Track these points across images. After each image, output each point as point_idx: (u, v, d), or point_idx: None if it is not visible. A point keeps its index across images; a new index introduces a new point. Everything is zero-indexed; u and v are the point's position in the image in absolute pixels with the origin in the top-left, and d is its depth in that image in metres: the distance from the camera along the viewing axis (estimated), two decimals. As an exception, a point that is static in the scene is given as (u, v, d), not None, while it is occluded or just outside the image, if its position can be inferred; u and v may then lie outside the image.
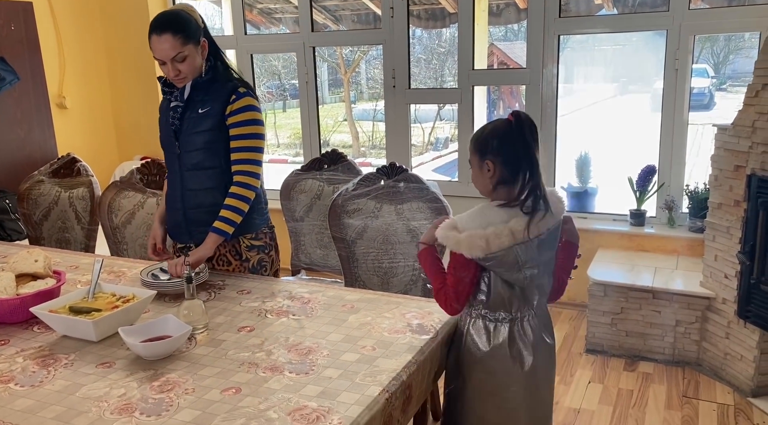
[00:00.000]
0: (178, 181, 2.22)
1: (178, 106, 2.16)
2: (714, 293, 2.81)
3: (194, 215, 2.21)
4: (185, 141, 2.17)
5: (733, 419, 2.54)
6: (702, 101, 10.79)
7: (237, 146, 2.16)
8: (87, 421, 1.36)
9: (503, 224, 1.61)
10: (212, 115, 2.13)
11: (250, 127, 2.15)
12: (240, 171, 2.16)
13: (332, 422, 1.36)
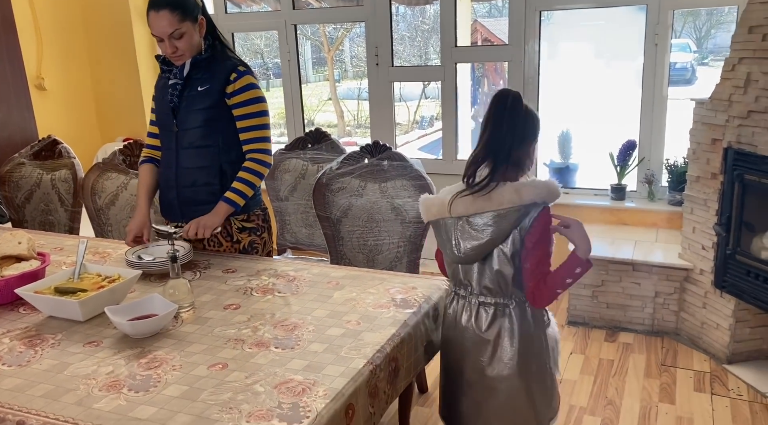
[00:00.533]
0: (174, 159, 2.22)
1: (177, 84, 2.16)
2: (692, 264, 2.88)
3: (188, 194, 2.22)
4: (184, 119, 2.18)
5: (709, 385, 2.62)
6: (684, 76, 10.83)
7: (246, 125, 2.18)
8: (75, 398, 1.38)
9: (445, 194, 1.66)
10: (212, 93, 2.14)
11: (255, 105, 2.17)
12: (253, 149, 2.19)
13: (318, 394, 1.39)
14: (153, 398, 1.38)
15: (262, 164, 2.19)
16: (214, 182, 2.20)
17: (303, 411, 1.33)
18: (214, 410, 1.33)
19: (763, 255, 2.55)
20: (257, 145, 2.19)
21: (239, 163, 2.22)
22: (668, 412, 2.45)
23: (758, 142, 2.44)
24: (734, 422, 2.37)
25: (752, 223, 2.63)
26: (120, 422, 1.29)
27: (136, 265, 2.07)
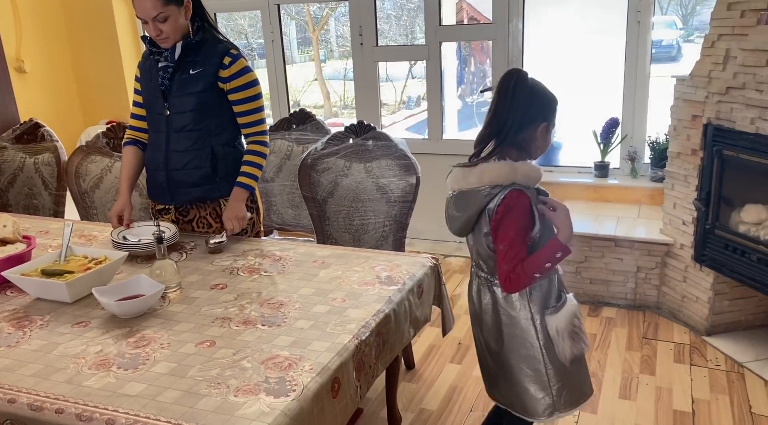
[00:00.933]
0: (164, 142, 2.22)
1: (168, 67, 2.15)
2: (672, 239, 2.93)
3: (178, 176, 2.22)
4: (175, 102, 2.17)
5: (689, 356, 2.69)
6: (670, 53, 10.86)
7: (244, 110, 2.20)
8: (65, 377, 1.40)
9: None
10: (205, 77, 2.14)
11: (252, 89, 2.19)
12: (254, 132, 2.24)
13: (304, 368, 1.43)
14: (142, 375, 1.40)
15: (264, 145, 2.25)
16: (205, 165, 2.20)
17: (289, 385, 1.36)
18: (202, 386, 1.36)
19: (741, 229, 2.60)
20: (257, 128, 2.24)
21: (230, 145, 2.24)
22: (648, 383, 2.51)
23: (736, 118, 2.48)
24: (712, 391, 2.44)
25: (731, 198, 2.68)
26: (110, 399, 1.32)
27: (123, 247, 2.08)
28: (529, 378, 1.62)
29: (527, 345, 1.60)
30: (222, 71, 2.13)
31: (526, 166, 1.54)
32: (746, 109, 2.43)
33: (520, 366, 1.62)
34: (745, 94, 2.43)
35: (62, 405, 1.30)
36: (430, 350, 2.82)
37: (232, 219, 2.19)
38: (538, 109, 1.55)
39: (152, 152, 2.28)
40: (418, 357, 2.75)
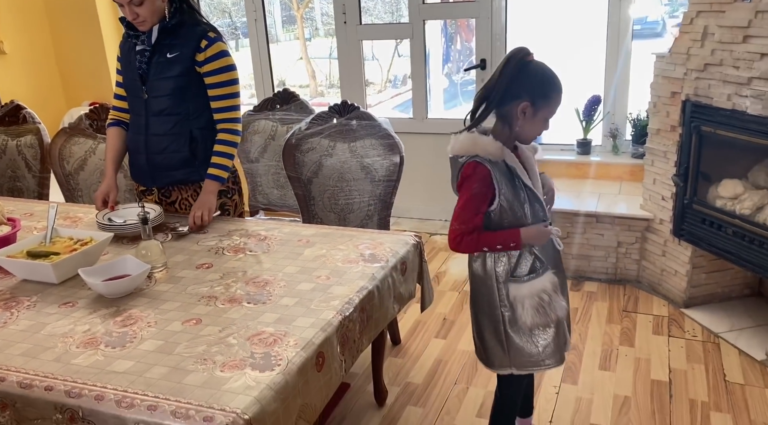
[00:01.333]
0: (143, 125, 2.22)
1: (145, 50, 2.14)
2: (652, 214, 2.99)
3: (158, 160, 2.22)
4: (153, 86, 2.16)
5: (667, 328, 2.76)
6: (655, 29, 10.88)
7: (218, 94, 2.19)
8: (54, 355, 1.43)
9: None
10: (181, 61, 2.13)
11: (227, 73, 2.18)
12: (225, 118, 2.22)
13: (289, 343, 1.46)
14: (129, 353, 1.44)
15: (234, 133, 2.23)
16: (183, 149, 2.21)
17: (275, 359, 1.40)
18: (189, 362, 1.39)
19: (718, 204, 2.66)
20: (229, 114, 2.22)
21: (209, 128, 2.23)
22: (627, 354, 2.58)
23: (714, 94, 2.52)
24: (688, 361, 2.52)
25: (708, 173, 2.73)
26: (98, 376, 1.35)
27: (108, 228, 2.09)
28: (490, 333, 1.75)
29: (491, 304, 1.72)
30: (198, 55, 2.13)
31: (484, 140, 1.60)
32: (723, 86, 2.47)
33: (484, 321, 1.75)
34: (722, 70, 2.47)
35: (51, 382, 1.33)
36: (416, 326, 2.87)
37: (203, 209, 2.15)
38: (523, 85, 1.58)
39: (133, 135, 2.28)
40: (404, 333, 2.80)
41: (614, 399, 2.31)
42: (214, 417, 1.21)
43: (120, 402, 1.26)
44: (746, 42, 2.35)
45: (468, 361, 2.58)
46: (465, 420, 2.23)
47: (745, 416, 2.19)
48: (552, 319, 1.69)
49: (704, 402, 2.27)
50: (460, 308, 3.00)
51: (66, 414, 1.29)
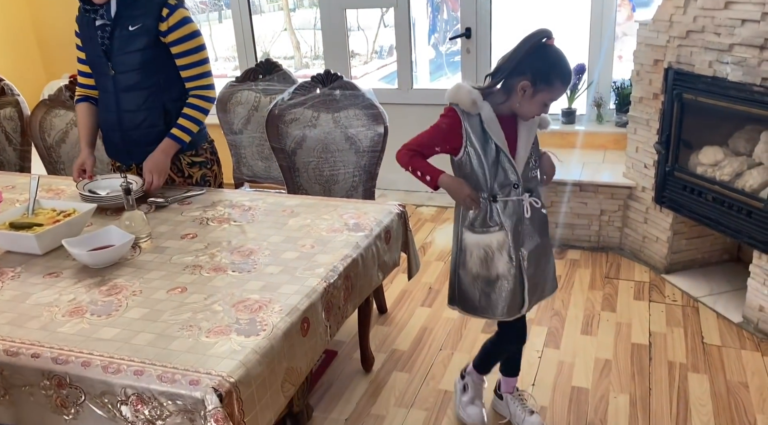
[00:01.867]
0: (113, 102, 2.18)
1: (105, 25, 2.09)
2: (635, 182, 3.02)
3: (134, 136, 2.19)
4: (119, 61, 2.11)
5: (648, 293, 2.82)
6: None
7: (186, 63, 2.15)
8: (39, 324, 1.44)
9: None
10: (144, 33, 2.08)
11: (193, 40, 2.14)
12: (196, 86, 2.18)
13: (274, 310, 1.48)
14: (115, 321, 1.45)
15: (206, 100, 2.20)
16: (158, 123, 2.18)
17: (260, 325, 1.42)
18: (174, 328, 1.41)
19: (699, 171, 2.69)
20: (200, 81, 2.18)
21: (182, 100, 2.20)
22: (609, 319, 2.64)
23: (695, 61, 2.53)
24: (668, 324, 2.58)
25: (689, 141, 2.76)
26: (84, 343, 1.36)
27: (91, 200, 2.09)
28: (452, 270, 1.91)
29: (455, 248, 1.87)
30: (161, 24, 2.07)
31: (464, 91, 1.69)
32: (705, 53, 2.48)
33: (452, 258, 1.91)
34: (704, 37, 2.47)
35: (38, 350, 1.34)
36: (402, 295, 2.90)
37: (152, 172, 2.11)
38: (531, 65, 1.63)
39: (104, 114, 2.24)
40: (390, 302, 2.84)
41: (595, 362, 2.37)
42: (200, 380, 1.23)
43: (107, 368, 1.28)
44: (728, 8, 2.35)
45: (453, 328, 2.62)
46: (450, 385, 2.27)
47: (722, 376, 2.26)
48: (493, 275, 1.80)
49: (682, 363, 2.34)
50: (445, 277, 3.03)
51: (53, 380, 1.31)
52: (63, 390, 1.31)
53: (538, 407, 2.12)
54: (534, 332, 2.57)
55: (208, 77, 2.20)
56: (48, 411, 1.34)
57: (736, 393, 2.18)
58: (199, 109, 2.18)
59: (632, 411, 2.11)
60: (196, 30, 2.14)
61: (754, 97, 2.31)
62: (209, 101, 2.21)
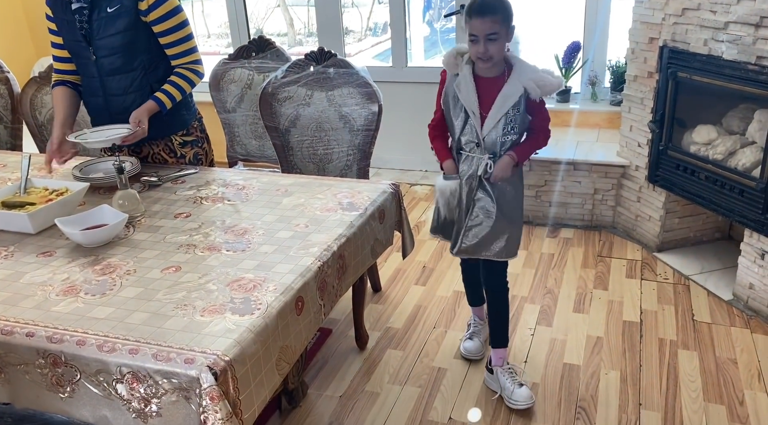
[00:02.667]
0: (99, 87, 2.14)
1: (82, 8, 2.04)
2: (628, 161, 3.03)
3: (123, 120, 2.14)
4: (100, 45, 2.07)
5: (640, 272, 2.84)
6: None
7: (170, 41, 2.11)
8: (34, 303, 1.44)
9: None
10: (124, 14, 2.03)
11: (175, 17, 2.09)
12: (183, 63, 2.15)
13: (268, 289, 1.49)
14: (110, 300, 1.45)
15: (196, 73, 2.18)
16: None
17: (254, 304, 1.42)
18: (169, 307, 1.41)
19: (692, 150, 2.70)
20: (188, 58, 2.15)
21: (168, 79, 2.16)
22: (601, 297, 2.66)
23: (690, 39, 2.52)
24: (659, 302, 2.61)
25: (683, 119, 2.76)
26: (79, 322, 1.36)
27: (84, 179, 2.08)
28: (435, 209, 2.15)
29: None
30: (140, 3, 2.02)
31: (449, 51, 1.94)
32: (700, 31, 2.47)
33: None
34: (699, 14, 2.46)
35: (32, 329, 1.34)
36: (396, 273, 2.92)
37: (137, 119, 2.05)
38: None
39: (90, 98, 2.20)
40: (384, 281, 2.85)
41: (587, 339, 2.40)
42: (195, 359, 1.24)
43: (102, 347, 1.29)
44: (724, -15, 2.33)
45: (446, 306, 2.64)
46: (443, 361, 2.30)
47: (711, 353, 2.29)
48: (444, 214, 2.06)
49: (672, 340, 2.37)
50: (439, 256, 3.05)
51: (48, 359, 1.32)
52: (58, 369, 1.32)
53: (530, 383, 2.15)
54: (527, 310, 2.60)
55: (195, 53, 2.17)
56: (43, 390, 1.35)
57: (725, 369, 2.21)
58: (187, 80, 2.15)
59: (623, 387, 2.14)
60: (177, 5, 2.10)
61: (748, 75, 2.31)
62: (198, 75, 2.18)
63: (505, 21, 1.82)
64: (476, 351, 2.30)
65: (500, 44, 1.83)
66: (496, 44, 1.82)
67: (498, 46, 1.82)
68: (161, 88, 2.12)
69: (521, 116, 1.90)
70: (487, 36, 1.80)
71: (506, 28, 1.83)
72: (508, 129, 1.91)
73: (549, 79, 1.88)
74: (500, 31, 1.81)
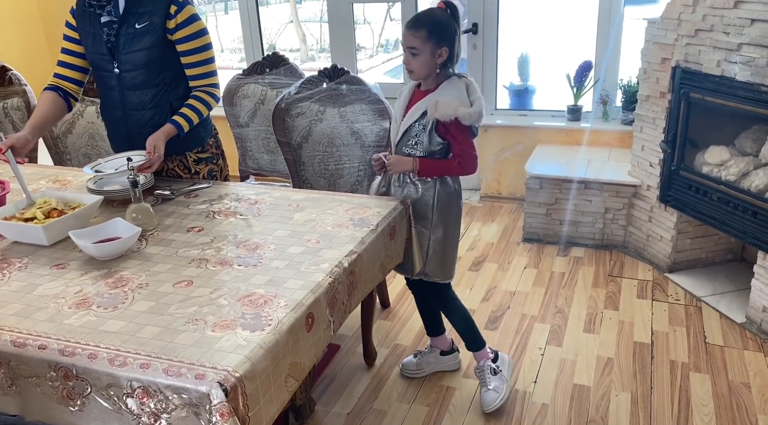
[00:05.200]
0: (119, 100, 2.16)
1: (112, 22, 2.06)
2: (640, 181, 3.02)
3: (142, 134, 2.13)
4: (124, 59, 2.09)
5: (651, 292, 2.82)
6: (650, -5, 10.78)
7: (191, 61, 2.13)
8: (46, 315, 1.45)
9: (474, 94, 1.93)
10: (152, 31, 2.05)
11: (200, 39, 2.12)
12: (202, 85, 2.16)
13: (279, 304, 1.49)
14: (121, 313, 1.46)
15: (213, 97, 2.19)
16: (165, 122, 2.14)
17: (265, 320, 1.42)
18: (180, 322, 1.42)
19: (705, 170, 2.69)
20: (207, 80, 2.17)
21: (187, 98, 2.18)
22: (612, 318, 2.64)
23: (703, 60, 2.52)
24: (670, 324, 2.58)
25: (696, 140, 2.76)
26: (91, 335, 1.37)
27: (98, 192, 2.09)
28: None
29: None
30: (169, 22, 2.05)
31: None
32: (713, 52, 2.47)
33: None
34: (712, 36, 2.46)
35: (45, 341, 1.35)
36: (404, 290, 2.91)
37: (153, 145, 2.04)
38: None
39: (109, 111, 2.21)
40: (393, 297, 2.85)
41: (597, 360, 2.38)
42: (206, 374, 1.24)
43: (113, 361, 1.29)
44: (737, 7, 2.34)
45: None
46: (452, 380, 2.29)
47: (724, 376, 2.26)
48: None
49: (684, 363, 2.34)
50: (448, 272, 3.04)
51: (60, 372, 1.32)
52: (69, 382, 1.32)
53: (539, 404, 2.13)
54: (537, 329, 2.58)
55: (214, 76, 2.18)
56: (54, 403, 1.36)
57: (738, 393, 2.18)
58: (205, 103, 2.17)
59: (633, 410, 2.12)
60: (204, 28, 2.13)
61: (762, 97, 2.30)
62: (215, 99, 2.20)
63: (431, 39, 1.86)
64: (410, 366, 2.33)
65: (421, 60, 1.88)
66: (417, 59, 1.88)
67: (419, 61, 1.88)
68: (179, 112, 2.13)
69: (426, 136, 1.94)
70: (409, 49, 1.88)
71: (431, 47, 1.86)
72: (412, 143, 1.97)
73: (452, 102, 1.87)
74: (422, 47, 1.86)
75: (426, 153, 1.97)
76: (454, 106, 1.87)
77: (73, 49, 2.20)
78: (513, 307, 2.74)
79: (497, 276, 3.01)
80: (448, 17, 1.89)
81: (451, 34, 1.89)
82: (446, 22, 1.89)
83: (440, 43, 1.87)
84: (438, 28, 1.87)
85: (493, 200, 3.88)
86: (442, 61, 1.90)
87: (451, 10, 1.90)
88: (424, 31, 1.86)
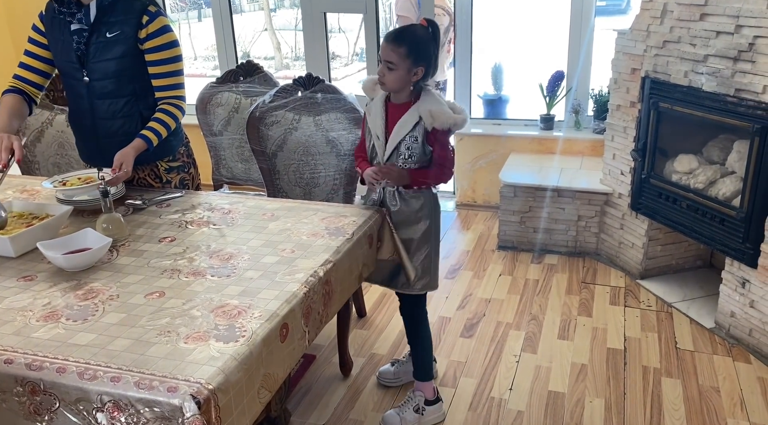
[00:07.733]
0: (88, 109, 2.12)
1: (82, 30, 2.02)
2: (611, 189, 3.07)
3: (112, 144, 2.10)
4: (94, 68, 2.05)
5: (623, 299, 2.86)
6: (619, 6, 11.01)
7: (160, 72, 2.10)
8: (13, 329, 1.41)
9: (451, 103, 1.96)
10: (123, 40, 2.02)
11: (170, 50, 2.09)
12: (169, 96, 2.13)
13: (253, 315, 1.47)
14: (92, 326, 1.43)
15: (179, 109, 2.17)
16: (135, 131, 2.12)
17: (239, 331, 1.41)
18: (152, 334, 1.39)
19: (674, 178, 2.74)
20: (174, 92, 2.14)
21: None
22: (585, 324, 2.67)
23: (671, 71, 2.58)
24: (642, 329, 2.62)
25: (665, 149, 2.81)
26: (60, 349, 1.34)
27: (68, 202, 2.05)
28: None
29: None
30: (140, 31, 2.03)
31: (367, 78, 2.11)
32: (680, 63, 2.53)
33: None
34: (680, 47, 2.52)
35: (11, 355, 1.31)
36: (380, 299, 2.91)
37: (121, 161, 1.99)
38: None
39: (77, 119, 2.18)
40: (369, 306, 2.84)
41: (572, 366, 2.40)
42: (178, 387, 1.22)
43: (83, 374, 1.26)
44: (703, 20, 2.40)
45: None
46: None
47: (694, 381, 2.30)
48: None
49: (656, 368, 2.38)
50: (424, 281, 3.04)
51: (27, 386, 1.28)
52: (36, 397, 1.29)
53: (515, 411, 2.14)
54: (512, 336, 2.60)
55: (180, 89, 2.16)
56: (20, 419, 1.32)
57: (708, 397, 2.22)
58: (172, 116, 2.14)
59: (607, 416, 2.14)
60: (175, 40, 2.10)
61: (727, 107, 2.37)
62: (181, 111, 2.17)
63: (409, 56, 1.86)
64: (387, 375, 2.33)
65: (397, 75, 1.88)
66: (392, 73, 1.88)
67: (394, 76, 1.88)
68: (148, 126, 2.10)
69: (420, 146, 1.94)
70: (386, 62, 1.87)
71: (409, 64, 1.87)
72: (406, 156, 1.95)
73: (446, 110, 1.90)
74: (399, 63, 1.86)
75: (420, 164, 1.96)
76: (450, 114, 1.89)
77: (37, 53, 2.15)
78: (488, 315, 2.76)
79: (473, 283, 3.03)
80: (429, 37, 1.89)
81: (429, 54, 1.89)
82: (426, 41, 1.89)
83: (418, 62, 1.87)
84: (417, 47, 1.87)
85: (468, 208, 3.90)
86: (417, 79, 1.90)
87: (432, 29, 1.90)
88: (404, 48, 1.85)
